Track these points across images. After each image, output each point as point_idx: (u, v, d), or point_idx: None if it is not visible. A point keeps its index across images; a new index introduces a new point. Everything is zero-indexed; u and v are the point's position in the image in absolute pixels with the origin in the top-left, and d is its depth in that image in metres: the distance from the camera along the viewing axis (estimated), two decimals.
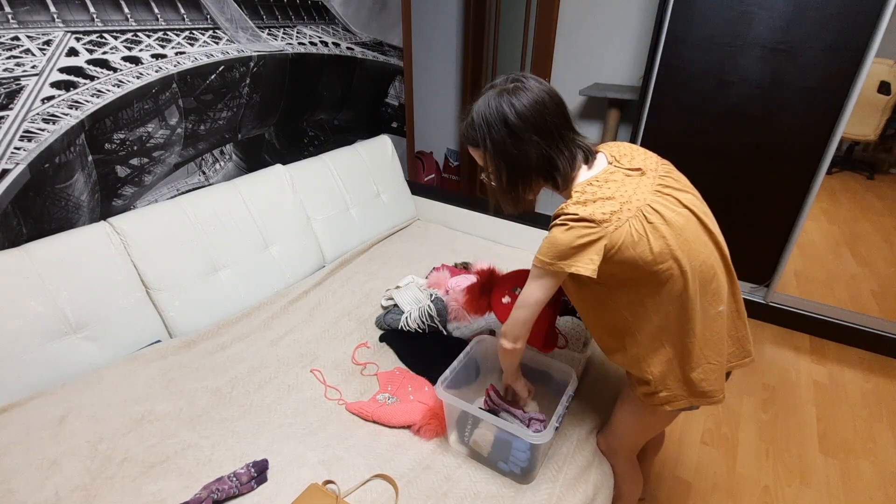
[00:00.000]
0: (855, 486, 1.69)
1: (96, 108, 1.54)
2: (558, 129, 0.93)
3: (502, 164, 0.95)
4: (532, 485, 1.12)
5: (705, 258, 0.93)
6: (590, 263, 0.88)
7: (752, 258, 2.41)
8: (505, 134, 0.91)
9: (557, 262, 0.90)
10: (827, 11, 1.92)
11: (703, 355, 0.96)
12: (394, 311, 1.68)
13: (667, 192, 0.94)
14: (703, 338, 0.95)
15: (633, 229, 0.88)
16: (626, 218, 0.88)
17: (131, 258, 1.55)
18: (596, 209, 0.88)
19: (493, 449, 1.13)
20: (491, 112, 0.91)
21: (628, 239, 0.88)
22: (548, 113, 0.91)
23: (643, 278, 0.91)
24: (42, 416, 1.27)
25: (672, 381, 1.00)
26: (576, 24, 2.96)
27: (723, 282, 0.96)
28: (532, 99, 0.91)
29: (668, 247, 0.89)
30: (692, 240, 0.92)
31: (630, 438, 1.20)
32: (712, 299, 0.94)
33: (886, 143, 2.08)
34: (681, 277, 0.90)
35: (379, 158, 2.42)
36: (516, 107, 0.90)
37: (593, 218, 0.88)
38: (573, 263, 0.88)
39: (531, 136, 0.91)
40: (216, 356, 1.54)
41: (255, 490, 1.10)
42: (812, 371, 2.21)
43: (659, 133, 2.41)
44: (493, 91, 0.93)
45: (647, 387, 1.03)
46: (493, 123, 0.91)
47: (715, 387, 0.99)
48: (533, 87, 0.92)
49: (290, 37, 2.09)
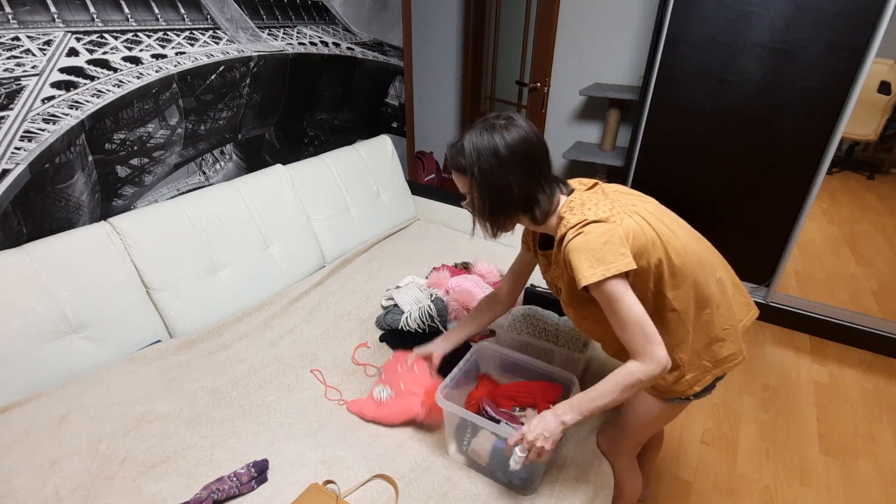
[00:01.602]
0: (855, 486, 1.69)
1: (96, 108, 1.54)
2: (541, 168, 1.00)
3: (487, 193, 0.99)
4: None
5: (688, 236, 1.02)
6: (624, 257, 0.91)
7: (752, 258, 2.41)
8: (493, 164, 0.95)
9: (598, 269, 0.90)
10: (827, 11, 1.92)
11: (720, 323, 1.03)
12: (394, 311, 1.67)
13: (625, 192, 1.07)
14: (716, 306, 1.02)
15: (633, 220, 0.97)
16: (621, 212, 0.97)
17: (131, 258, 1.55)
18: (596, 211, 0.95)
19: (490, 459, 1.13)
20: (482, 143, 0.96)
21: (635, 228, 0.96)
22: (535, 150, 0.97)
23: (659, 265, 0.97)
24: (42, 416, 1.27)
25: (696, 360, 1.04)
26: (576, 24, 2.96)
27: (707, 252, 1.05)
28: (521, 136, 0.96)
29: (662, 228, 0.98)
30: (670, 223, 1.01)
31: (638, 435, 1.20)
32: (710, 270, 1.02)
33: (886, 143, 2.08)
34: (684, 253, 0.98)
35: (379, 158, 2.42)
36: (507, 140, 0.95)
37: (599, 218, 0.94)
38: (611, 265, 0.90)
39: (516, 169, 0.96)
40: (216, 356, 1.54)
41: (255, 490, 1.10)
42: (812, 371, 2.21)
43: (659, 133, 2.41)
44: (485, 124, 0.98)
45: (675, 373, 1.05)
46: (483, 152, 0.96)
47: (735, 349, 1.06)
48: (522, 126, 0.98)
49: (290, 37, 2.09)
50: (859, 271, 2.32)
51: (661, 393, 1.09)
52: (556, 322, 1.50)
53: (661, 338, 0.99)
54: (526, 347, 1.45)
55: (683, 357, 1.04)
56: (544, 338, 1.45)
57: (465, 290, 1.69)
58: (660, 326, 1.01)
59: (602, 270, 0.90)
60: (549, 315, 1.52)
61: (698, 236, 1.07)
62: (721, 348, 1.04)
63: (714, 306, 1.02)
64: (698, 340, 1.03)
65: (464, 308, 1.64)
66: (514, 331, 1.48)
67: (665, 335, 1.01)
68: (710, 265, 1.03)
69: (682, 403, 1.11)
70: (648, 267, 0.96)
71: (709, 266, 1.02)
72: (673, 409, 1.13)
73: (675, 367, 1.05)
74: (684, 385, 1.06)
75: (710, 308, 1.01)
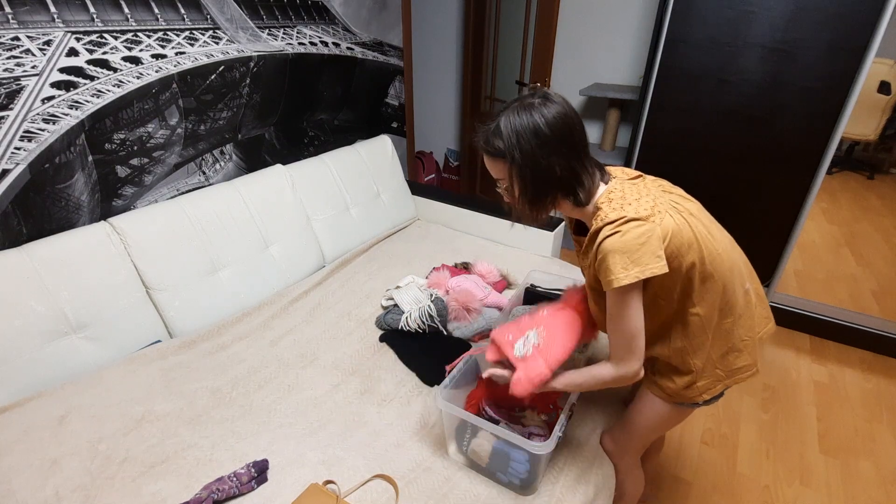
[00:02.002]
0: (855, 486, 1.69)
1: (96, 108, 1.54)
2: (583, 146, 0.95)
3: (528, 175, 0.93)
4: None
5: (726, 242, 1.00)
6: (659, 260, 0.88)
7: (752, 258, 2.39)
8: (535, 145, 0.90)
9: (632, 272, 0.87)
10: (827, 11, 1.92)
11: (740, 333, 1.02)
12: (394, 310, 1.67)
13: (669, 190, 1.02)
14: (738, 316, 1.00)
15: (673, 219, 0.93)
16: (664, 210, 0.93)
17: (131, 258, 1.55)
18: (637, 208, 0.90)
19: (490, 460, 1.13)
20: (521, 123, 0.90)
21: (675, 227, 0.92)
22: (575, 127, 0.92)
23: (692, 268, 0.94)
24: (42, 416, 1.27)
25: (711, 368, 1.03)
26: (576, 24, 2.96)
27: (739, 260, 1.03)
28: (561, 112, 0.91)
29: (702, 230, 0.95)
30: (709, 224, 0.99)
31: (644, 437, 1.20)
32: (739, 278, 1.00)
33: (886, 143, 2.08)
34: (719, 258, 0.96)
35: (379, 158, 2.42)
36: (547, 118, 0.90)
37: (639, 216, 0.89)
38: (646, 268, 0.87)
39: (560, 147, 0.91)
40: (216, 356, 1.54)
41: (255, 490, 1.10)
42: (812, 371, 2.21)
43: (659, 133, 2.41)
44: (520, 104, 0.93)
45: (687, 378, 1.04)
46: (522, 134, 0.90)
47: (750, 361, 1.04)
48: (560, 102, 0.93)
49: (290, 37, 2.09)
50: (859, 271, 2.32)
51: (671, 397, 1.08)
52: None
53: (680, 341, 1.01)
54: None
55: (698, 363, 1.02)
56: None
57: (465, 290, 1.69)
58: (680, 328, 1.00)
59: (636, 272, 0.87)
60: None
61: (734, 244, 1.04)
62: (737, 359, 1.03)
63: (737, 315, 1.00)
64: (716, 349, 1.02)
65: (463, 308, 1.64)
66: None
67: (684, 338, 1.01)
68: (741, 274, 1.01)
69: (690, 408, 1.10)
70: (680, 268, 0.93)
71: (738, 274, 1.00)
72: (680, 414, 1.12)
73: (687, 371, 1.03)
74: (695, 392, 1.05)
75: (732, 317, 1.00)
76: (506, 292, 1.89)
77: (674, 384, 1.06)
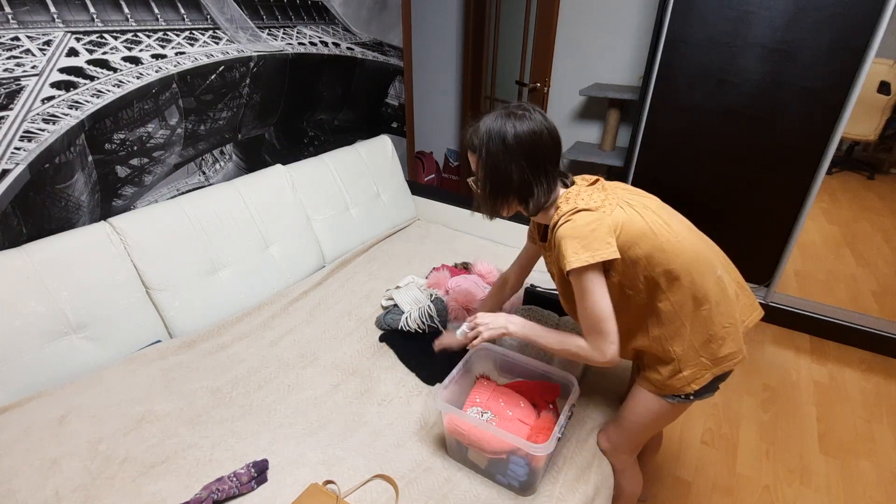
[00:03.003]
0: (855, 486, 1.69)
1: (96, 108, 1.54)
2: (545, 162, 1.03)
3: (490, 174, 1.04)
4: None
5: (686, 232, 1.04)
6: (609, 246, 0.96)
7: (752, 258, 2.41)
8: (500, 150, 1.01)
9: (583, 255, 0.95)
10: (827, 11, 1.92)
11: (720, 320, 1.03)
12: (394, 311, 1.68)
13: (625, 189, 1.09)
14: (715, 303, 1.02)
15: (624, 211, 1.00)
16: (614, 204, 1.01)
17: (131, 258, 1.55)
18: (588, 201, 1.01)
19: (489, 463, 1.12)
20: (495, 127, 1.01)
21: (625, 219, 0.99)
22: (541, 145, 1.02)
23: (651, 257, 0.99)
24: (42, 416, 1.27)
25: (693, 355, 1.05)
26: (576, 24, 2.96)
27: (707, 249, 1.06)
28: (531, 129, 1.00)
29: (657, 222, 1.01)
30: (668, 218, 1.04)
31: (638, 434, 1.20)
32: (708, 266, 1.03)
33: (886, 143, 2.08)
34: (679, 247, 1.00)
35: (379, 158, 2.42)
36: (516, 129, 1.00)
37: (589, 206, 0.99)
38: (596, 252, 0.95)
39: (520, 159, 1.01)
40: (216, 356, 1.54)
41: (255, 490, 1.10)
42: (812, 371, 2.21)
43: (659, 133, 2.41)
44: (504, 111, 1.03)
45: (670, 367, 1.06)
46: (493, 137, 1.01)
47: (734, 348, 1.06)
48: (536, 119, 1.02)
49: (290, 37, 2.09)
50: (859, 271, 2.32)
51: (659, 389, 1.09)
52: (555, 322, 1.50)
53: (656, 329, 1.06)
54: (525, 348, 1.45)
55: (678, 350, 1.05)
56: None
57: (464, 290, 1.69)
58: (654, 318, 1.05)
59: (586, 256, 0.95)
60: (549, 315, 1.52)
61: (700, 234, 1.08)
62: (720, 347, 1.05)
63: (713, 303, 1.02)
64: (696, 336, 1.04)
65: (464, 308, 1.64)
66: None
67: (659, 326, 1.05)
68: (709, 262, 1.03)
69: (683, 403, 1.10)
70: (637, 258, 0.99)
71: (707, 263, 1.03)
72: (673, 410, 1.13)
73: (668, 360, 1.06)
74: (681, 381, 1.06)
75: (708, 304, 1.02)
76: None
77: (659, 375, 1.08)
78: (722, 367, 1.07)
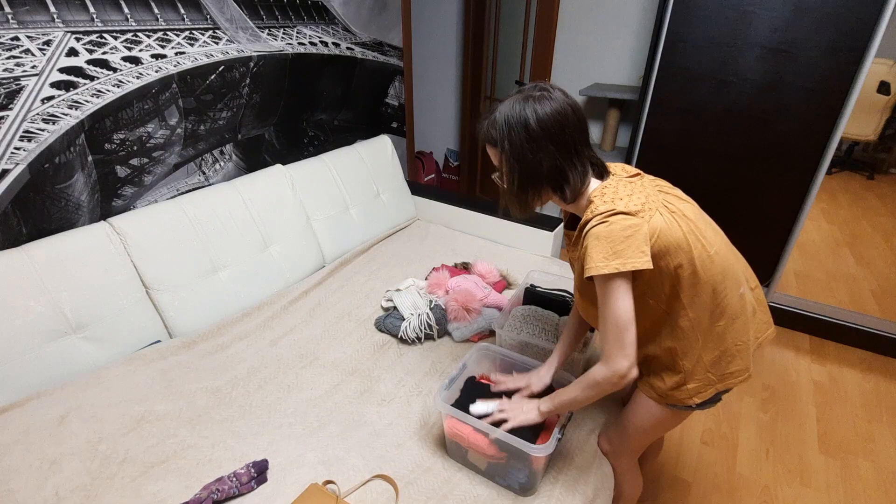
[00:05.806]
0: (855, 486, 1.69)
1: (96, 108, 1.54)
2: (575, 144, 0.95)
3: (516, 167, 0.95)
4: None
5: (720, 244, 0.99)
6: (642, 255, 0.88)
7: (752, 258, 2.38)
8: (524, 138, 0.92)
9: (612, 263, 0.87)
10: (827, 11, 1.92)
11: (733, 337, 1.00)
12: (394, 314, 1.67)
13: (666, 190, 1.03)
14: (732, 319, 0.99)
15: (663, 218, 0.93)
16: (654, 208, 0.93)
17: (131, 258, 1.55)
18: (628, 203, 0.92)
19: (489, 465, 1.12)
20: (514, 115, 0.93)
21: (664, 226, 0.92)
22: (568, 125, 0.93)
23: (681, 268, 0.94)
24: (42, 416, 1.27)
25: (702, 371, 1.02)
26: (576, 24, 2.96)
27: (737, 264, 1.02)
28: (554, 109, 0.92)
29: (693, 233, 0.95)
30: (704, 228, 0.98)
31: (640, 439, 1.19)
32: (733, 281, 0.99)
33: (886, 143, 2.08)
34: (710, 261, 0.95)
35: (379, 158, 2.42)
36: (538, 113, 0.91)
37: (628, 210, 0.90)
38: (628, 261, 0.87)
39: (548, 144, 0.92)
40: (216, 356, 1.54)
41: (255, 490, 1.10)
42: (812, 371, 2.21)
43: (659, 133, 2.41)
44: (520, 95, 0.95)
45: (676, 378, 1.03)
46: (513, 126, 0.93)
47: (742, 365, 1.03)
48: (557, 98, 0.93)
49: (289, 37, 2.09)
50: (859, 271, 2.32)
51: (662, 397, 1.07)
52: (556, 322, 1.50)
53: (669, 341, 1.01)
54: (526, 348, 1.45)
55: (687, 365, 1.02)
56: (544, 338, 1.45)
57: (464, 290, 1.69)
58: (669, 329, 1.00)
59: (617, 264, 0.87)
60: (549, 315, 1.52)
61: (731, 247, 1.04)
62: (730, 364, 1.02)
63: (729, 319, 0.99)
64: (708, 352, 1.01)
65: (463, 308, 1.64)
66: (514, 331, 1.48)
67: (674, 339, 1.01)
68: (735, 278, 0.99)
69: (684, 411, 1.09)
70: (668, 268, 0.94)
71: (732, 278, 0.98)
72: (675, 417, 1.11)
73: (676, 371, 1.03)
74: (685, 393, 1.04)
75: (724, 320, 0.99)
76: (506, 292, 1.89)
77: (663, 383, 1.05)
78: (727, 384, 1.04)
